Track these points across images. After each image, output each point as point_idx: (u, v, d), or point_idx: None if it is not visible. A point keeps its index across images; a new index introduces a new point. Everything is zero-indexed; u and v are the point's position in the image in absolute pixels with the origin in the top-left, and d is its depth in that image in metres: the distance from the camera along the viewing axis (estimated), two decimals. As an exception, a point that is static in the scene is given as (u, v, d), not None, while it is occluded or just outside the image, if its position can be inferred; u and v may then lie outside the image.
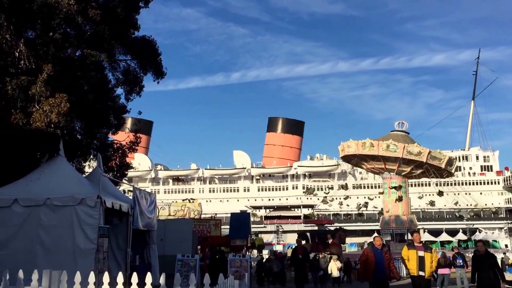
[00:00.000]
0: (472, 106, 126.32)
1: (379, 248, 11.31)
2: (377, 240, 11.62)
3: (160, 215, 35.29)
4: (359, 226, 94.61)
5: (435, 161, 52.05)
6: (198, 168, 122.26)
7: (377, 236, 12.16)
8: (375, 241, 11.64)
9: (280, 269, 28.54)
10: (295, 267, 19.65)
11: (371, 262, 11.01)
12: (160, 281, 7.08)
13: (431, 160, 51.70)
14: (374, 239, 11.92)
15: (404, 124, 57.12)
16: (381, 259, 11.03)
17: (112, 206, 13.26)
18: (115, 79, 20.30)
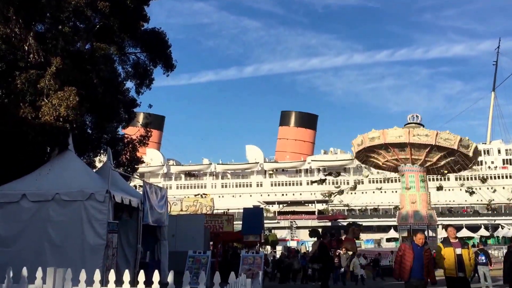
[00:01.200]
0: (492, 98, 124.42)
1: (420, 245, 10.02)
2: (420, 236, 10.15)
3: (172, 210, 35.20)
4: (374, 222, 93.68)
5: (464, 149, 50.66)
6: (211, 163, 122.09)
7: (420, 232, 10.53)
8: (417, 236, 10.21)
9: (301, 265, 27.49)
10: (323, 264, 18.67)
11: (408, 259, 9.82)
12: (168, 279, 6.75)
13: (461, 148, 50.30)
14: (416, 234, 10.44)
15: (418, 117, 55.99)
16: (420, 257, 9.82)
17: (122, 201, 12.99)
18: (125, 72, 20.10)
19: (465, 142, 51.04)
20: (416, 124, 54.69)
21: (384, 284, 25.37)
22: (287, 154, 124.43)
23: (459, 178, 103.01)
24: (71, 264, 11.08)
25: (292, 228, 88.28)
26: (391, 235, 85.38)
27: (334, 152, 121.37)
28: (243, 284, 7.01)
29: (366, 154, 56.91)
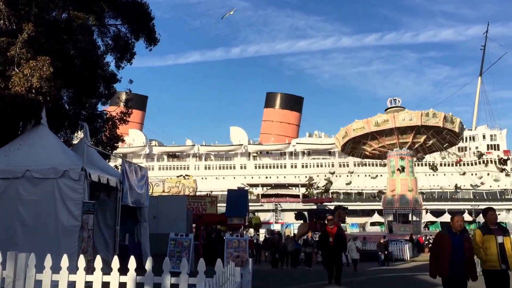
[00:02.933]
0: (479, 83, 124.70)
1: (458, 233, 8.08)
2: (457, 219, 8.20)
3: (154, 192, 34.30)
4: (359, 206, 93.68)
5: (450, 124, 50.48)
6: (194, 144, 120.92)
7: (458, 215, 8.44)
8: (455, 222, 8.17)
9: (295, 248, 26.53)
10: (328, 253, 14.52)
11: (446, 251, 7.91)
12: (146, 266, 5.91)
13: (447, 124, 50.14)
14: (453, 218, 8.32)
15: (396, 100, 55.63)
16: (459, 248, 7.90)
17: (99, 180, 12.11)
18: (105, 45, 19.02)
19: (449, 118, 50.84)
20: (398, 108, 54.34)
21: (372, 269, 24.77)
22: (271, 136, 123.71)
23: (444, 164, 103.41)
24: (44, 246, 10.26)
25: (277, 211, 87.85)
26: (375, 219, 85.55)
27: (318, 135, 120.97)
28: (232, 273, 6.19)
29: (352, 145, 56.67)
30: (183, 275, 5.81)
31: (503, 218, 76.23)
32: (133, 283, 5.86)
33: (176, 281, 5.86)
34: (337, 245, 13.95)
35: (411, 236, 42.84)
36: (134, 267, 5.90)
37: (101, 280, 5.86)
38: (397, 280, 17.46)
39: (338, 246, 14.01)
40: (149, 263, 5.94)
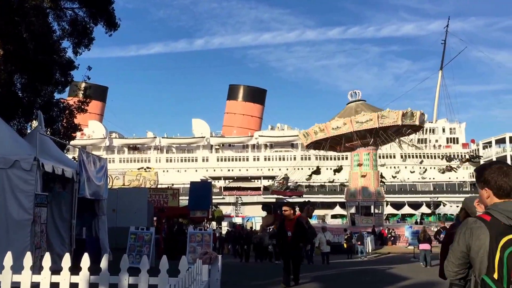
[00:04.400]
0: (439, 77, 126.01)
1: None
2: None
3: (114, 185, 33.33)
4: (321, 198, 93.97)
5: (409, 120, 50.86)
6: (155, 137, 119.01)
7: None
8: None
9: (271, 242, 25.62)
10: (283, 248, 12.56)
11: None
12: (101, 264, 5.27)
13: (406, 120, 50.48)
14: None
15: (357, 93, 55.80)
16: None
17: (53, 171, 11.32)
18: (61, 29, 18.11)
19: (408, 114, 51.11)
20: (358, 101, 54.44)
21: (337, 262, 24.55)
22: (234, 129, 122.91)
23: (404, 156, 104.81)
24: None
25: (238, 204, 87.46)
26: (336, 211, 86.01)
27: (281, 127, 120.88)
28: (199, 272, 5.61)
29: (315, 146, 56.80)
30: (143, 274, 5.21)
31: (460, 210, 77.54)
32: (86, 284, 5.21)
33: (135, 281, 5.24)
34: (295, 240, 11.81)
35: (373, 228, 43.05)
36: (87, 265, 5.25)
37: (50, 281, 5.19)
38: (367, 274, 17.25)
39: (296, 242, 11.86)
40: (104, 260, 5.30)
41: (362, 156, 52.25)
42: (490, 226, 2.81)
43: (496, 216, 2.83)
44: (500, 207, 2.86)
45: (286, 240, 11.86)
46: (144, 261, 5.28)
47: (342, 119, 51.01)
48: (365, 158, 52.17)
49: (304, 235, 12.51)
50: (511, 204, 2.86)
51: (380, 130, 49.87)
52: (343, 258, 28.23)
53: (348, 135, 51.02)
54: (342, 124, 50.48)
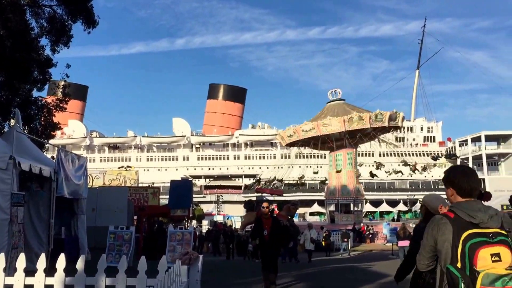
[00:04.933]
0: (416, 76, 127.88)
1: None
2: None
3: (94, 184, 33.07)
4: (300, 196, 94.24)
5: (393, 122, 51.52)
6: (136, 136, 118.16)
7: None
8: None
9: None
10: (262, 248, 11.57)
11: None
12: (77, 265, 5.19)
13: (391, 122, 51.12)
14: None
15: (337, 92, 56.08)
16: None
17: (30, 170, 11.16)
18: (39, 27, 17.87)
19: (393, 115, 51.82)
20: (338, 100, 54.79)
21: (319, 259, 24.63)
22: (214, 127, 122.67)
23: (383, 154, 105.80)
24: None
25: (219, 203, 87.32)
26: (315, 209, 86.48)
27: (262, 126, 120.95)
28: (178, 273, 5.57)
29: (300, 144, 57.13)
30: (121, 274, 5.15)
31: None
32: (61, 286, 5.11)
33: (112, 282, 5.17)
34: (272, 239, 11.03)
35: (354, 226, 43.31)
36: (63, 266, 5.16)
37: (23, 283, 5.09)
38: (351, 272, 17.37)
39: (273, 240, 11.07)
40: (81, 261, 5.21)
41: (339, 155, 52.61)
42: (453, 222, 3.26)
43: (458, 214, 3.28)
44: (462, 206, 3.31)
45: (263, 238, 11.12)
46: (122, 261, 5.22)
47: (310, 123, 51.52)
48: (342, 158, 52.50)
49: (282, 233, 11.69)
50: (470, 203, 3.32)
51: (347, 133, 50.29)
52: (322, 255, 28.35)
53: (317, 138, 51.44)
54: (310, 128, 50.93)
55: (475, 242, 3.12)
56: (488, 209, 3.32)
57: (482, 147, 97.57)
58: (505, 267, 3.07)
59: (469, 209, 3.27)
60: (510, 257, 3.11)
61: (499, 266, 3.06)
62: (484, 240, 3.12)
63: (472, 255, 3.09)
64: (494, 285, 3.02)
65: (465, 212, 3.25)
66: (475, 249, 3.09)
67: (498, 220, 3.24)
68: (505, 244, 3.13)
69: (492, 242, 3.12)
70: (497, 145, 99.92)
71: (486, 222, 3.20)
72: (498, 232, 3.17)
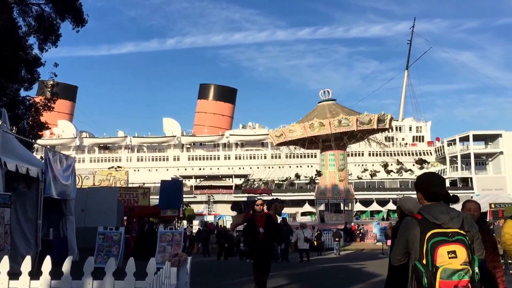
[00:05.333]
0: (405, 76, 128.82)
1: None
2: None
3: (84, 185, 32.75)
4: (290, 196, 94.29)
5: (382, 124, 51.70)
6: (126, 136, 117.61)
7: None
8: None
9: None
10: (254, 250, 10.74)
11: None
12: (63, 267, 5.04)
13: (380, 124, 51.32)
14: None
15: (328, 92, 56.16)
16: None
17: (17, 170, 10.96)
18: (27, 25, 17.64)
19: (381, 117, 51.95)
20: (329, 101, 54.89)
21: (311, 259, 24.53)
22: (205, 128, 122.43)
23: (373, 154, 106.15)
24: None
25: (210, 203, 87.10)
26: (306, 209, 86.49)
27: (252, 126, 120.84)
28: (167, 276, 5.43)
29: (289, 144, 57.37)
30: (108, 277, 5.01)
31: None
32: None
33: (99, 285, 5.02)
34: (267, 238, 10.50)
35: (346, 225, 43.32)
36: (48, 269, 5.01)
37: (7, 286, 4.94)
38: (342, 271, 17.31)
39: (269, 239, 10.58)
40: (67, 263, 5.07)
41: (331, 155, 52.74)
42: (420, 223, 3.71)
43: (425, 216, 3.72)
44: (428, 209, 3.79)
45: (258, 237, 10.43)
46: (110, 263, 5.08)
47: (297, 125, 51.62)
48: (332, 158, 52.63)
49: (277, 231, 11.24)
50: (435, 206, 3.80)
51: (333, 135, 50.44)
52: (314, 255, 28.28)
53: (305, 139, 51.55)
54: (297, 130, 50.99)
55: (436, 240, 3.54)
56: (452, 211, 3.75)
57: (470, 147, 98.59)
58: (460, 263, 3.47)
59: (434, 211, 3.71)
60: (465, 254, 3.50)
61: (455, 262, 3.47)
62: (443, 239, 3.54)
63: (433, 252, 3.51)
64: (452, 279, 3.44)
65: (430, 214, 3.69)
66: (435, 247, 3.51)
67: (458, 221, 3.66)
68: (462, 243, 3.54)
69: (450, 241, 3.53)
70: (485, 145, 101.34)
71: (447, 223, 3.61)
72: (457, 232, 3.58)
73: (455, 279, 3.44)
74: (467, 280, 3.47)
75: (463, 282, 3.45)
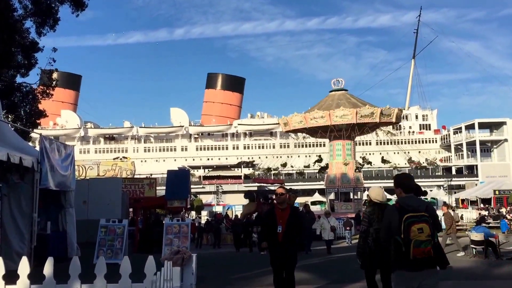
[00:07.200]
0: (412, 65, 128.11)
1: None
2: None
3: (88, 175, 31.96)
4: (300, 186, 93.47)
5: (387, 117, 51.10)
6: (132, 126, 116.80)
7: None
8: None
9: None
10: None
11: None
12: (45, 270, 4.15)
13: (384, 118, 50.78)
14: None
15: (340, 82, 55.15)
16: None
17: (8, 159, 10.06)
18: (23, 8, 16.70)
19: (386, 111, 51.14)
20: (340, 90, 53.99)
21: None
22: (213, 117, 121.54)
23: (380, 142, 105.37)
24: None
25: (218, 193, 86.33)
26: (315, 198, 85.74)
27: (261, 116, 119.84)
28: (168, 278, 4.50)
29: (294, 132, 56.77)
30: (100, 280, 4.10)
31: (435, 194, 78.28)
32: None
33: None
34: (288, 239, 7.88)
35: (358, 213, 42.37)
36: (27, 272, 4.11)
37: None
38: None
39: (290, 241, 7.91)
40: (48, 266, 4.17)
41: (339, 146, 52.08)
42: (398, 210, 5.11)
43: (401, 204, 5.16)
44: (403, 200, 5.23)
45: (276, 238, 7.91)
46: (100, 264, 4.16)
47: (321, 112, 50.47)
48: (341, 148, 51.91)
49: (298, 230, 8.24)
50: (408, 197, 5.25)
51: (357, 125, 49.76)
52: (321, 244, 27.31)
53: (326, 128, 50.69)
54: (320, 117, 49.99)
55: (409, 221, 4.95)
56: (420, 200, 5.36)
57: (475, 134, 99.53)
58: (425, 236, 4.91)
59: (408, 201, 5.17)
60: (428, 230, 4.96)
61: (422, 235, 4.91)
62: (414, 220, 4.96)
63: (408, 229, 4.92)
64: (420, 247, 4.88)
65: (406, 203, 5.15)
66: (410, 226, 4.93)
67: (423, 207, 5.15)
68: (426, 222, 4.99)
69: (419, 221, 4.96)
70: (490, 133, 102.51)
71: (417, 209, 5.07)
72: (423, 215, 5.03)
73: (422, 247, 4.89)
74: (430, 247, 4.93)
75: (427, 249, 4.90)
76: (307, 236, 20.43)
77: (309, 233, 21.24)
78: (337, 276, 12.31)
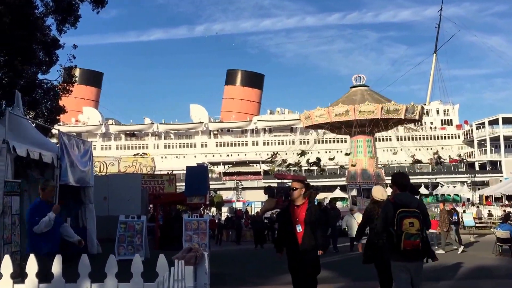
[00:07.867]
0: (434, 60, 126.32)
1: None
2: None
3: (109, 171, 32.11)
4: (321, 182, 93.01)
5: (410, 114, 50.69)
6: (153, 123, 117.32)
7: None
8: None
9: None
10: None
11: None
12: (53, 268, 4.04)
13: (408, 115, 50.39)
14: None
15: (362, 78, 54.66)
16: None
17: (28, 155, 10.08)
18: (44, 5, 16.75)
19: (410, 109, 50.77)
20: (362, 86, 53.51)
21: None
22: (232, 114, 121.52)
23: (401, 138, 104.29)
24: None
25: (238, 189, 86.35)
26: (336, 194, 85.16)
27: (281, 112, 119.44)
28: (179, 278, 4.38)
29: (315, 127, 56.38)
30: (110, 279, 4.00)
31: (458, 191, 77.03)
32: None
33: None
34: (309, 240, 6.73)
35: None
36: (35, 270, 4.03)
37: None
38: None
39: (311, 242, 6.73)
40: (57, 264, 4.07)
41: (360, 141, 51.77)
42: (393, 205, 5.78)
43: (396, 200, 5.84)
44: (397, 197, 5.92)
45: (294, 239, 6.81)
46: (110, 262, 4.06)
47: (345, 106, 49.99)
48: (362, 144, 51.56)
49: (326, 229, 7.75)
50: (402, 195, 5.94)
51: (381, 120, 49.38)
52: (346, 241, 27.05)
53: (349, 123, 50.32)
54: (344, 111, 49.57)
55: (402, 215, 5.54)
56: (412, 197, 5.95)
57: (499, 130, 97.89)
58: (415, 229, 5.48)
59: (402, 198, 5.81)
60: (418, 224, 5.52)
61: (412, 229, 5.48)
62: (407, 215, 5.55)
63: (400, 223, 5.50)
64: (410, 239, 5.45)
65: (400, 199, 5.80)
66: (402, 219, 5.51)
67: (415, 204, 5.78)
68: (417, 217, 5.57)
69: (411, 216, 5.54)
70: None
71: (409, 205, 5.69)
72: (414, 210, 5.63)
73: (412, 240, 5.42)
74: (419, 241, 5.46)
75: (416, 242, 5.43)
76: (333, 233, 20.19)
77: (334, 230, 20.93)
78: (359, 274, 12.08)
